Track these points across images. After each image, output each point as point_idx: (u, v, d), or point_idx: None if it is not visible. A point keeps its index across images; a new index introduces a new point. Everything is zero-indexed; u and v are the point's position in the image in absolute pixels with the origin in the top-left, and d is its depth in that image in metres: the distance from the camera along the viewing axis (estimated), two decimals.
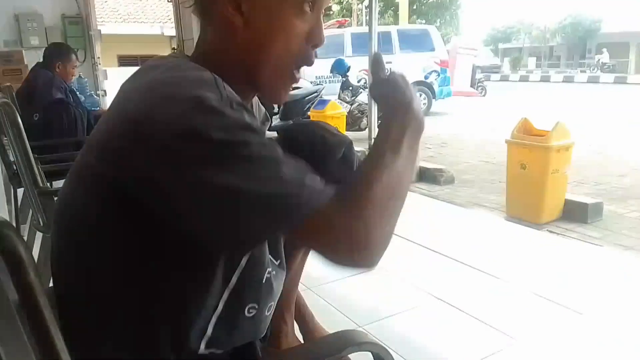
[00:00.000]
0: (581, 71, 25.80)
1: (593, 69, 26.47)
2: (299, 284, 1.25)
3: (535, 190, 3.11)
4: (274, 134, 1.04)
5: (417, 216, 3.24)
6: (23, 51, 5.16)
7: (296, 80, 0.78)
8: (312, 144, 0.94)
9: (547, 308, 1.93)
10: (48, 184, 1.77)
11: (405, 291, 2.10)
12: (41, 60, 3.17)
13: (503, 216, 3.31)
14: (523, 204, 3.20)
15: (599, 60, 26.83)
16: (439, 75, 9.98)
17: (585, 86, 19.66)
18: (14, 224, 2.33)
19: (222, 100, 0.61)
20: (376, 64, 0.83)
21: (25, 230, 2.36)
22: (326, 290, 2.05)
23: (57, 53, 3.15)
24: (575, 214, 3.18)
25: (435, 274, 2.27)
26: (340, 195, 0.64)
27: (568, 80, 22.94)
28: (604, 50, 28.12)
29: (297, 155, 0.85)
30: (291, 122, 7.35)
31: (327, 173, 0.88)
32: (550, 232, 2.98)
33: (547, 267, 2.34)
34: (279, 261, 0.87)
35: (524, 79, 25.50)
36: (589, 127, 7.29)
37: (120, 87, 0.73)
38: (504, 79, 26.26)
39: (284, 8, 0.71)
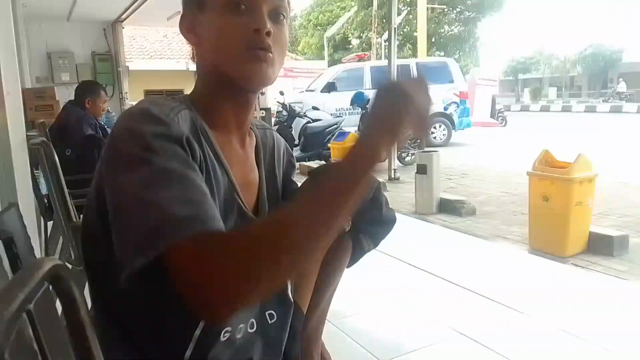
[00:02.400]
0: (603, 101, 25.52)
1: (608, 99, 26.17)
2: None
3: (558, 223, 3.07)
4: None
5: (438, 248, 3.23)
6: (55, 88, 5.37)
7: (259, 55, 0.79)
8: None
9: (572, 344, 1.89)
10: (79, 218, 1.84)
11: (428, 325, 2.08)
12: (72, 96, 3.31)
13: (526, 249, 3.27)
14: (546, 236, 3.17)
15: (613, 89, 26.59)
16: (458, 106, 10.03)
17: (607, 116, 19.45)
18: (44, 255, 2.41)
19: (166, 116, 0.71)
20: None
21: None
22: (348, 324, 2.05)
23: (86, 90, 3.28)
24: (601, 246, 3.13)
25: (458, 308, 2.25)
26: (224, 234, 0.62)
27: (590, 110, 22.72)
28: (621, 79, 27.91)
29: None
30: (311, 153, 7.43)
31: (357, 214, 0.93)
32: (575, 265, 2.94)
33: (572, 301, 2.30)
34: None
35: (544, 109, 25.36)
36: (613, 158, 7.19)
37: None
38: (525, 109, 26.15)
39: (221, 13, 0.79)
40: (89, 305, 0.82)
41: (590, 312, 2.16)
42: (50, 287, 0.44)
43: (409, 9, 22.37)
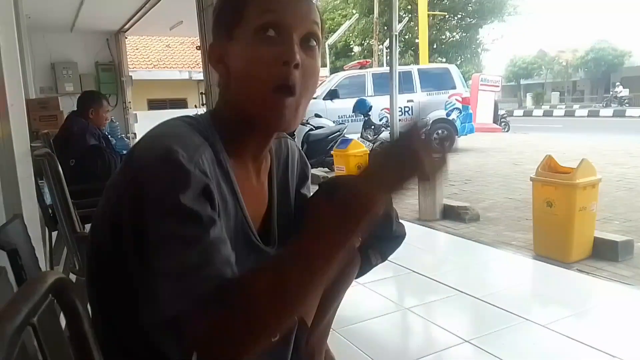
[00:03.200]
0: (606, 105, 25.49)
1: (606, 104, 26.09)
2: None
3: (562, 229, 3.06)
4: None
5: (442, 255, 3.23)
6: (59, 98, 5.41)
7: (283, 101, 0.76)
8: None
9: (578, 350, 1.88)
10: (83, 228, 1.84)
11: (433, 332, 2.08)
12: (75, 106, 3.33)
13: (531, 255, 3.26)
14: (551, 242, 3.16)
15: (612, 94, 26.55)
16: (460, 112, 10.02)
17: (611, 120, 19.41)
18: (48, 266, 2.41)
19: (191, 161, 0.69)
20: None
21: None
22: (352, 331, 2.04)
23: (89, 100, 3.31)
24: (605, 252, 3.11)
25: (463, 314, 2.25)
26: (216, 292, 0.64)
27: (593, 114, 22.69)
28: (618, 84, 27.91)
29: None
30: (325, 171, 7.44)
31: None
32: (580, 271, 2.92)
33: (577, 307, 2.29)
34: None
35: (547, 114, 25.34)
36: (616, 162, 7.17)
37: None
38: (527, 114, 26.13)
39: (250, 42, 0.76)
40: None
41: (596, 318, 2.15)
42: (54, 300, 0.45)
43: (410, 16, 22.42)
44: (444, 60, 22.04)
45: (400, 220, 1.09)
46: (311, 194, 1.04)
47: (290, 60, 0.74)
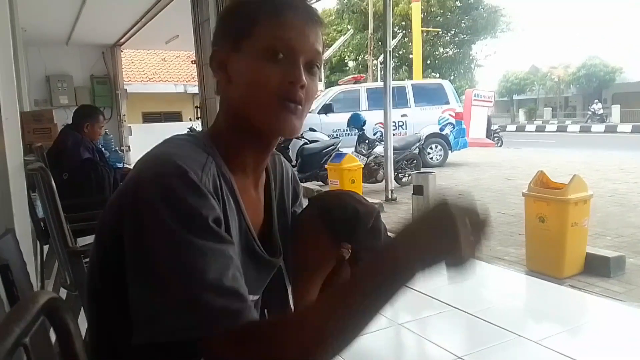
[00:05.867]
0: (598, 120, 25.75)
1: (587, 120, 26.34)
2: None
3: (554, 244, 3.08)
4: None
5: None
6: (53, 110, 5.41)
7: (290, 107, 0.79)
8: (344, 213, 0.98)
9: None
10: (75, 243, 1.84)
11: (426, 349, 2.07)
12: (70, 119, 3.33)
13: (523, 270, 3.26)
14: (543, 257, 3.17)
15: (594, 111, 26.83)
16: (454, 127, 10.10)
17: (602, 136, 19.60)
18: (40, 280, 2.39)
19: (200, 181, 0.69)
20: None
21: (49, 286, 2.42)
22: None
23: (85, 114, 3.30)
24: (597, 267, 3.13)
25: (456, 330, 2.24)
26: (247, 329, 0.65)
27: (585, 130, 22.92)
28: (597, 100, 28.27)
29: (329, 224, 0.92)
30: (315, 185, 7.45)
31: (356, 242, 0.94)
32: (572, 287, 2.93)
33: (570, 323, 2.29)
34: None
35: (540, 129, 25.57)
36: (608, 178, 7.23)
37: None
38: (520, 129, 26.35)
39: (257, 58, 0.79)
40: (83, 334, 0.82)
41: (588, 335, 2.15)
42: (46, 319, 0.45)
43: (404, 32, 22.70)
44: (437, 75, 22.27)
45: (390, 233, 1.10)
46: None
47: (296, 81, 0.78)
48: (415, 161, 7.77)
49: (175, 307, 0.64)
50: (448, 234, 0.61)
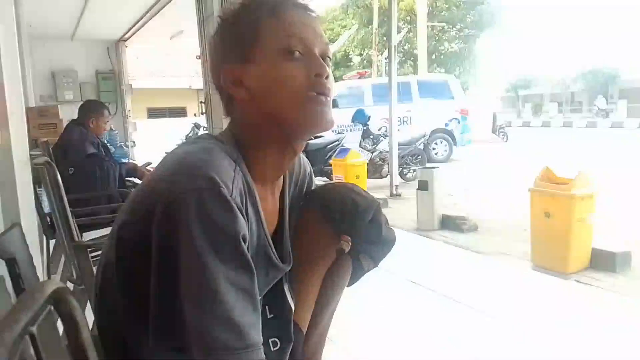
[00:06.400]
0: (602, 116, 25.59)
1: (596, 115, 26.20)
2: None
3: (560, 240, 3.07)
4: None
5: (440, 265, 3.22)
6: (58, 106, 5.43)
7: (323, 99, 0.80)
8: (343, 206, 0.98)
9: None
10: (81, 237, 1.84)
11: (430, 343, 2.07)
12: (75, 114, 3.34)
13: (529, 266, 3.26)
14: (549, 253, 3.16)
15: (598, 106, 26.67)
16: (459, 122, 10.07)
17: (609, 131, 19.48)
18: (46, 275, 2.41)
19: (230, 195, 0.69)
20: None
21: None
22: (349, 342, 2.03)
23: (90, 109, 3.31)
24: (603, 263, 3.12)
25: (461, 325, 2.24)
26: None
27: (591, 125, 22.79)
28: (600, 96, 28.10)
29: (329, 217, 0.92)
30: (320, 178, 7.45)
31: (357, 235, 0.94)
32: (578, 282, 2.92)
33: (575, 318, 2.28)
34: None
35: (546, 124, 25.43)
36: (614, 173, 7.19)
37: (169, 152, 0.82)
38: (526, 124, 26.22)
39: (276, 61, 0.78)
40: (90, 325, 0.83)
41: (594, 330, 2.14)
42: (53, 308, 0.45)
43: (409, 27, 22.58)
44: (442, 70, 22.18)
45: (399, 230, 1.10)
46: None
47: (322, 73, 0.79)
48: (420, 157, 7.76)
49: (182, 327, 0.66)
50: None
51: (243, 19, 0.81)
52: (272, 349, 0.90)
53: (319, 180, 6.69)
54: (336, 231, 0.99)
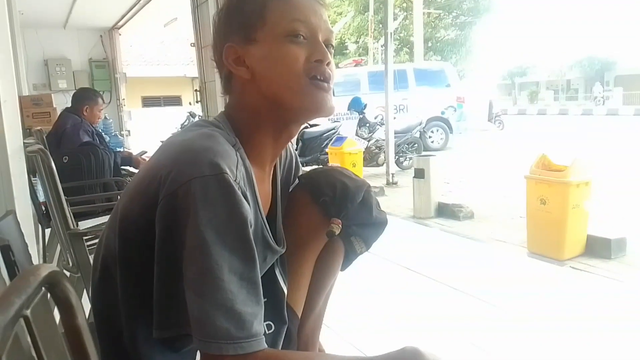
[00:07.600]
0: (597, 103, 25.63)
1: (597, 102, 26.27)
2: None
3: (556, 226, 3.08)
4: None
5: (437, 252, 3.24)
6: (52, 95, 5.38)
7: (323, 86, 0.80)
8: (333, 189, 0.98)
9: (571, 348, 1.89)
10: (76, 225, 1.84)
11: (427, 329, 2.08)
12: (69, 103, 3.32)
13: (525, 252, 3.27)
14: (544, 240, 3.17)
15: (594, 94, 26.79)
16: (455, 110, 10.06)
17: (604, 119, 19.52)
18: (42, 263, 2.40)
19: (234, 180, 0.69)
20: None
21: None
22: (346, 328, 2.05)
23: (84, 97, 3.29)
24: (599, 249, 3.13)
25: (458, 311, 2.26)
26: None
27: (587, 113, 22.82)
28: (597, 83, 28.19)
29: (319, 200, 0.92)
30: (310, 162, 7.44)
31: (348, 216, 0.95)
32: (573, 268, 2.94)
33: (571, 305, 2.30)
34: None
35: (541, 112, 25.46)
36: (610, 161, 7.21)
37: (166, 139, 0.82)
38: (522, 112, 26.24)
39: (280, 43, 0.79)
40: (86, 312, 0.82)
41: (589, 316, 2.16)
42: (48, 294, 0.44)
43: (405, 14, 22.46)
44: (439, 58, 22.07)
45: (395, 218, 1.10)
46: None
47: (324, 59, 0.80)
48: (416, 145, 7.75)
49: (184, 311, 0.66)
50: None
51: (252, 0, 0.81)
52: (267, 332, 0.90)
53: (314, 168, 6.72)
54: (326, 214, 0.99)
